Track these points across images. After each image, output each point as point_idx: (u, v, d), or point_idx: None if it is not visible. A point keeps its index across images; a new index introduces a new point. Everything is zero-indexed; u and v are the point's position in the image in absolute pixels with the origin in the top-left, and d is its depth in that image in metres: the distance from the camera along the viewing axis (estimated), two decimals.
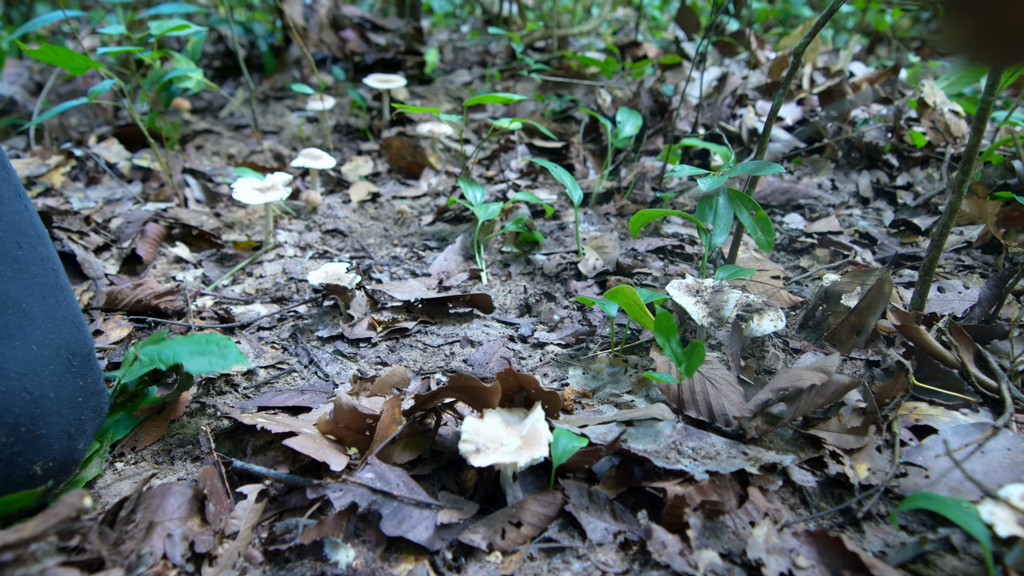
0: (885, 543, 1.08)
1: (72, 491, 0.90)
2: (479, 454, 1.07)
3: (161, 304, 1.75)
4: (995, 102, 1.31)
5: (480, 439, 1.11)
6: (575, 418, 1.32)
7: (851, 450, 1.23)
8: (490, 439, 1.11)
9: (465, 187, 2.13)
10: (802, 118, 2.92)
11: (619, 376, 1.48)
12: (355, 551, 1.05)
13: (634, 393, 1.42)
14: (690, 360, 1.30)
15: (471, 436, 1.11)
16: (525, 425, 1.14)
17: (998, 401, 1.33)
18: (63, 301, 1.20)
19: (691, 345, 1.29)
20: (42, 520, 0.86)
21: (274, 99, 3.95)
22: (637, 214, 1.70)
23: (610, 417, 1.31)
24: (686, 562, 0.98)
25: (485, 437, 1.11)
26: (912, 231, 2.13)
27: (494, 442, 1.11)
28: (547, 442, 1.09)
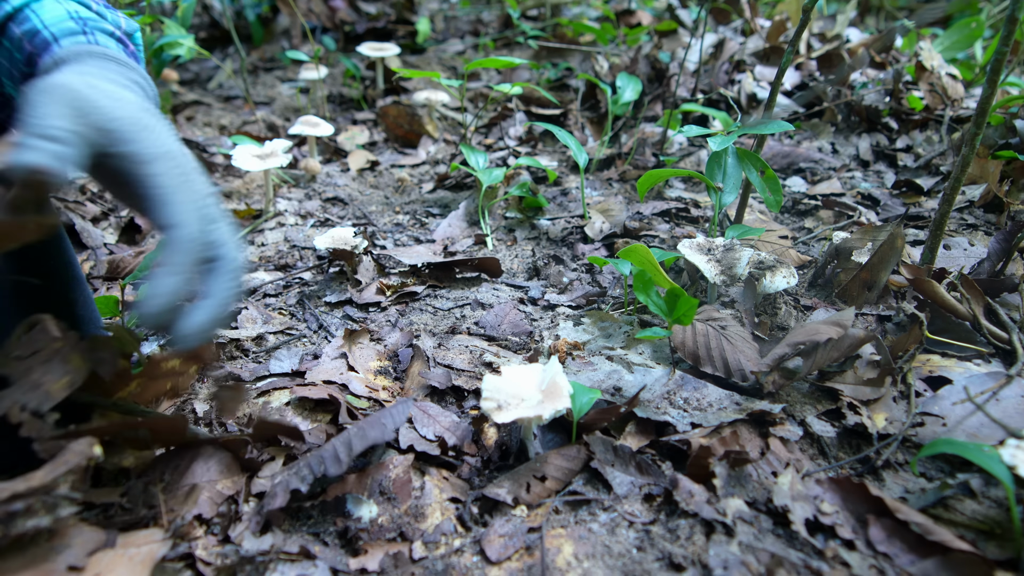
0: (905, 490, 1.09)
1: (81, 439, 0.88)
2: (501, 411, 1.07)
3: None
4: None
5: (501, 396, 1.10)
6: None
7: (868, 401, 1.24)
8: (511, 395, 1.11)
9: (467, 152, 2.11)
10: (801, 83, 2.91)
11: (616, 332, 1.48)
12: (379, 508, 1.05)
13: (632, 347, 1.43)
14: (675, 309, 1.30)
15: (492, 393, 1.11)
16: (544, 379, 1.13)
17: (1010, 352, 1.34)
18: (80, 297, 1.19)
19: (670, 293, 1.30)
20: (51, 469, 0.84)
21: (264, 70, 3.88)
22: (645, 174, 1.69)
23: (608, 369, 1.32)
24: (714, 510, 0.99)
25: (506, 393, 1.11)
26: (915, 191, 2.14)
27: (515, 398, 1.11)
28: (567, 393, 1.09)
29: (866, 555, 0.94)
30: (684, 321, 1.30)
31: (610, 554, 0.94)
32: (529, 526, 1.01)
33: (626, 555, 0.94)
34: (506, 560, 0.95)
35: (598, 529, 0.99)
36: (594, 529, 0.99)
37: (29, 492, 0.82)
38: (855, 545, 0.96)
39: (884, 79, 2.83)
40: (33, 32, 0.97)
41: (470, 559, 0.96)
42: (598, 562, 0.93)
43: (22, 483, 0.82)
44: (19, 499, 0.82)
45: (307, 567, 0.94)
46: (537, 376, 1.15)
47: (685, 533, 0.97)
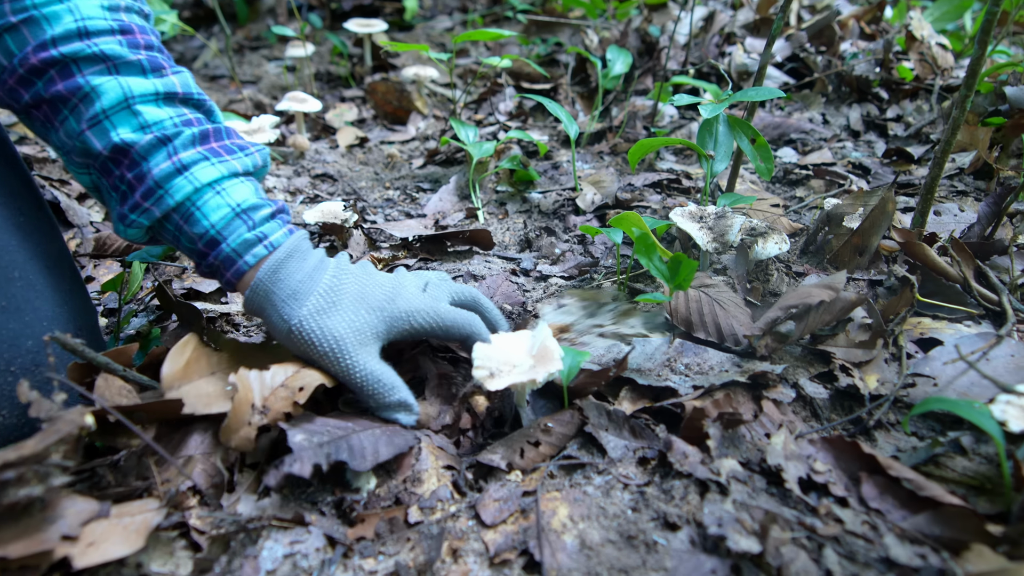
0: (897, 448, 1.10)
1: (73, 408, 0.87)
2: (494, 378, 1.07)
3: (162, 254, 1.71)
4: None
5: (492, 363, 1.10)
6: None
7: (860, 363, 1.24)
8: (502, 362, 1.11)
9: (457, 127, 2.10)
10: (791, 54, 2.89)
11: (600, 310, 1.48)
12: (377, 480, 1.05)
13: (620, 322, 1.43)
14: (677, 274, 1.30)
15: (483, 361, 1.10)
16: (534, 344, 1.13)
17: (999, 313, 1.35)
18: (67, 270, 1.16)
19: (674, 258, 1.29)
20: (42, 437, 0.83)
21: (249, 49, 3.84)
22: (637, 144, 1.68)
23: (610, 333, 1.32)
24: (708, 470, 0.99)
25: (497, 360, 1.11)
26: (905, 160, 2.14)
27: (507, 364, 1.10)
28: (559, 356, 1.09)
29: (859, 511, 0.95)
30: (684, 285, 1.30)
31: (605, 515, 0.95)
32: (524, 490, 1.01)
33: (621, 516, 0.94)
34: (501, 523, 0.95)
35: (593, 492, 0.99)
36: (589, 492, 0.99)
37: (20, 461, 0.81)
38: (848, 502, 0.97)
39: (874, 50, 2.82)
40: (208, 239, 1.03)
41: (466, 523, 0.96)
42: (593, 523, 0.94)
43: (13, 452, 0.81)
44: (10, 468, 0.81)
45: (300, 534, 0.94)
46: (527, 342, 1.14)
47: (679, 493, 0.97)
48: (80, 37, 0.99)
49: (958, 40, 3.27)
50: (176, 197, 1.00)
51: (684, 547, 0.88)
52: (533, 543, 0.90)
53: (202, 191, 1.01)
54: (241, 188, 1.05)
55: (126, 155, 0.99)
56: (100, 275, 1.69)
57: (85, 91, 0.98)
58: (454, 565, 0.90)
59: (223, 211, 1.02)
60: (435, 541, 0.93)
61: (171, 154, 1.00)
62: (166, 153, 1.00)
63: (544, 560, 0.87)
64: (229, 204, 1.03)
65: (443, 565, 0.90)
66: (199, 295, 1.58)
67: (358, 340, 1.04)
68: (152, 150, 0.99)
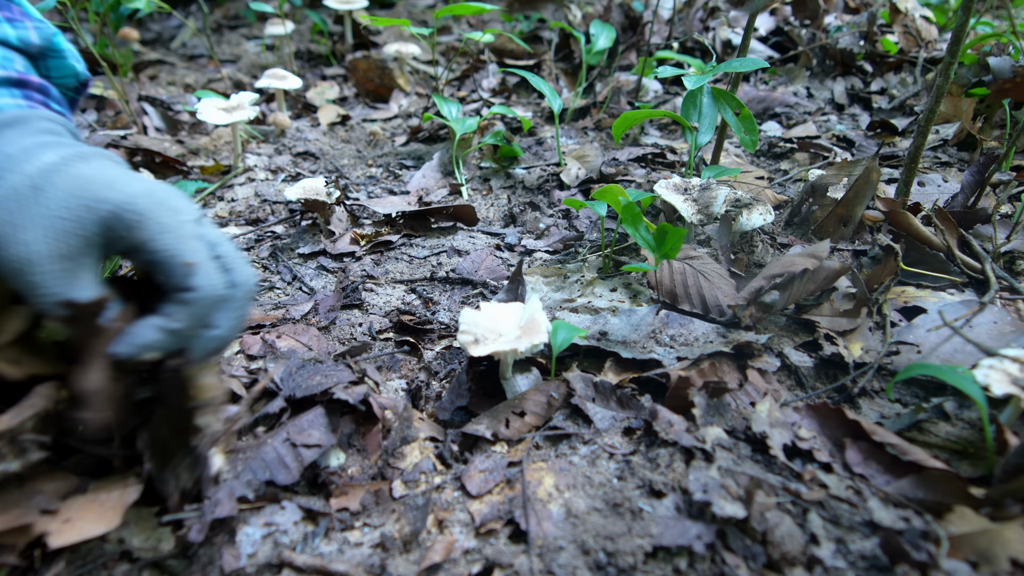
0: (881, 415, 1.10)
1: (48, 382, 0.85)
2: (478, 344, 1.06)
3: None
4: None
5: (478, 330, 1.09)
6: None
7: (844, 332, 1.25)
8: (488, 329, 1.10)
9: (440, 103, 2.07)
10: (775, 27, 2.88)
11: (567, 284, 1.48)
12: (346, 456, 1.03)
13: (592, 295, 1.42)
14: (664, 243, 1.29)
15: (469, 327, 1.09)
16: (523, 316, 1.12)
17: (982, 281, 1.35)
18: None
19: (660, 227, 1.28)
20: (17, 412, 0.81)
21: (228, 28, 3.77)
22: (621, 117, 1.66)
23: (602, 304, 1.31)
24: (693, 438, 0.99)
25: (483, 328, 1.10)
26: (889, 132, 2.14)
27: (492, 332, 1.09)
28: (546, 330, 1.08)
29: (843, 477, 0.95)
30: (672, 255, 1.29)
31: (591, 484, 0.94)
32: (509, 460, 1.00)
33: (607, 484, 0.94)
34: (487, 493, 0.95)
35: (579, 461, 0.99)
36: (575, 461, 0.99)
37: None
38: (832, 468, 0.97)
39: (859, 22, 2.81)
40: None
41: (451, 494, 0.96)
42: (579, 492, 0.93)
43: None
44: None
45: (274, 512, 0.93)
46: (517, 313, 1.14)
47: (665, 461, 0.97)
48: None
49: (942, 13, 3.26)
50: None
51: (670, 513, 0.88)
52: (519, 512, 0.89)
53: None
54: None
55: None
56: None
57: None
58: (440, 535, 0.89)
59: None
60: (420, 512, 0.92)
61: None
62: None
63: (530, 529, 0.86)
64: None
65: (429, 536, 0.90)
66: None
67: (63, 256, 0.78)
68: None
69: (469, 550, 0.87)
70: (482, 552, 0.86)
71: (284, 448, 0.98)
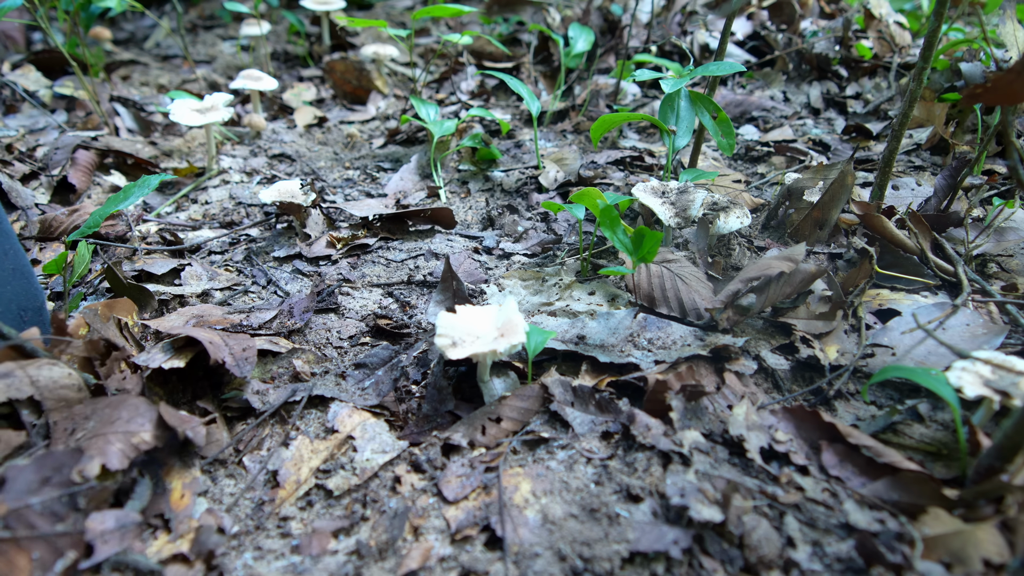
0: (856, 417, 1.11)
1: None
2: (456, 347, 1.04)
3: (101, 229, 1.65)
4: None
5: (456, 332, 1.08)
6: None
7: (820, 335, 1.25)
8: (466, 332, 1.08)
9: (418, 105, 2.05)
10: (752, 32, 2.90)
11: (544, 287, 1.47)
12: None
13: (569, 299, 1.42)
14: (641, 247, 1.29)
15: (446, 330, 1.08)
16: (500, 317, 1.11)
17: (955, 284, 1.37)
18: (10, 250, 1.11)
19: (637, 231, 1.28)
20: None
21: (203, 28, 3.72)
22: (599, 120, 1.66)
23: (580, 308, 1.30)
24: (671, 442, 0.99)
25: (460, 331, 1.09)
26: (864, 136, 2.16)
27: (470, 335, 1.08)
28: (523, 330, 1.07)
29: (819, 479, 0.95)
30: (648, 258, 1.28)
31: (568, 489, 0.94)
32: (486, 466, 0.99)
33: (584, 489, 0.93)
34: (463, 499, 0.94)
35: (556, 466, 0.98)
36: (552, 467, 0.98)
37: None
38: (808, 470, 0.97)
39: (834, 28, 2.84)
40: None
41: (427, 500, 0.94)
42: (556, 497, 0.92)
43: None
44: None
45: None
46: (493, 315, 1.13)
47: (643, 466, 0.96)
48: None
49: (915, 19, 3.31)
50: None
51: (647, 519, 0.88)
52: (495, 519, 0.88)
53: None
54: None
55: None
56: (46, 258, 1.62)
57: None
58: (415, 543, 0.88)
59: None
60: (398, 520, 0.91)
61: None
62: None
63: (506, 535, 0.85)
64: None
65: (405, 543, 0.88)
66: (151, 277, 1.52)
67: None
68: None
69: (445, 557, 0.86)
70: (458, 560, 0.85)
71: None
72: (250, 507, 0.96)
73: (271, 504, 0.95)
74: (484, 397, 1.13)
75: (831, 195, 1.48)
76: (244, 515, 0.95)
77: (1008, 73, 1.05)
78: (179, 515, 0.92)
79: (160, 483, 0.97)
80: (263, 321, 1.33)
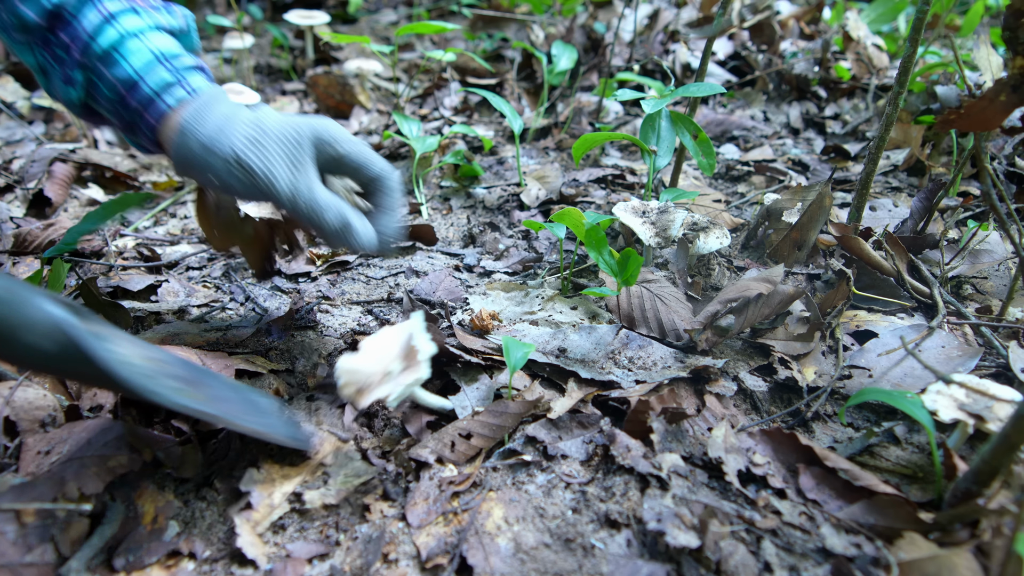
0: (834, 439, 1.11)
1: None
2: (362, 394, 0.97)
3: (77, 245, 1.63)
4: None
5: (360, 377, 0.99)
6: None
7: (798, 356, 1.26)
8: (372, 372, 1.00)
9: (400, 121, 2.05)
10: (733, 52, 2.93)
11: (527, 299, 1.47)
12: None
13: (579, 312, 1.42)
14: (626, 269, 1.29)
15: (349, 376, 0.98)
16: (405, 342, 1.02)
17: (931, 305, 1.38)
18: None
19: (623, 253, 1.28)
20: None
21: None
22: (580, 139, 1.67)
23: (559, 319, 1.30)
24: (650, 464, 0.98)
25: (366, 372, 0.99)
26: (842, 157, 2.19)
27: (376, 375, 0.99)
28: (426, 359, 0.99)
29: (796, 503, 0.95)
30: (631, 281, 1.29)
31: (542, 516, 0.93)
32: (454, 491, 0.97)
33: (560, 517, 0.93)
34: (430, 524, 0.92)
35: (534, 491, 0.97)
36: (530, 491, 0.97)
37: None
38: (786, 494, 0.97)
39: (813, 49, 2.88)
40: (129, 82, 1.03)
41: (396, 525, 0.93)
42: (529, 525, 0.91)
43: None
44: None
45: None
46: (401, 340, 1.04)
47: (620, 490, 0.96)
48: None
49: (893, 41, 3.37)
50: (103, 44, 1.02)
51: (622, 551, 0.87)
52: (466, 547, 0.87)
53: (126, 37, 1.04)
54: (164, 39, 1.08)
55: (59, 18, 1.02)
56: (20, 273, 1.59)
57: None
58: (387, 570, 0.86)
59: (145, 56, 1.04)
60: (373, 544, 0.90)
61: (98, 6, 1.03)
62: (93, 6, 1.03)
63: (476, 565, 0.84)
64: (151, 50, 1.05)
65: (376, 570, 0.87)
66: (127, 293, 1.50)
67: (294, 163, 1.03)
68: (81, 6, 1.03)
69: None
70: None
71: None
72: (223, 531, 0.94)
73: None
74: (456, 412, 1.11)
75: (809, 216, 1.50)
76: (217, 539, 0.93)
77: (981, 100, 1.07)
78: (151, 539, 0.90)
79: (132, 506, 0.95)
80: (240, 339, 1.31)
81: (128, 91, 1.04)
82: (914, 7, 3.88)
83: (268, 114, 1.05)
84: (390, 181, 1.12)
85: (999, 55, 1.50)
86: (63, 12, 1.02)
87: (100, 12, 1.03)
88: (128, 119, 1.07)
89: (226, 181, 1.01)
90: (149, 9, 1.09)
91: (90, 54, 1.02)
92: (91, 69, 1.04)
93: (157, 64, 1.04)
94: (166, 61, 1.05)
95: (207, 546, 0.91)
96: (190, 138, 1.01)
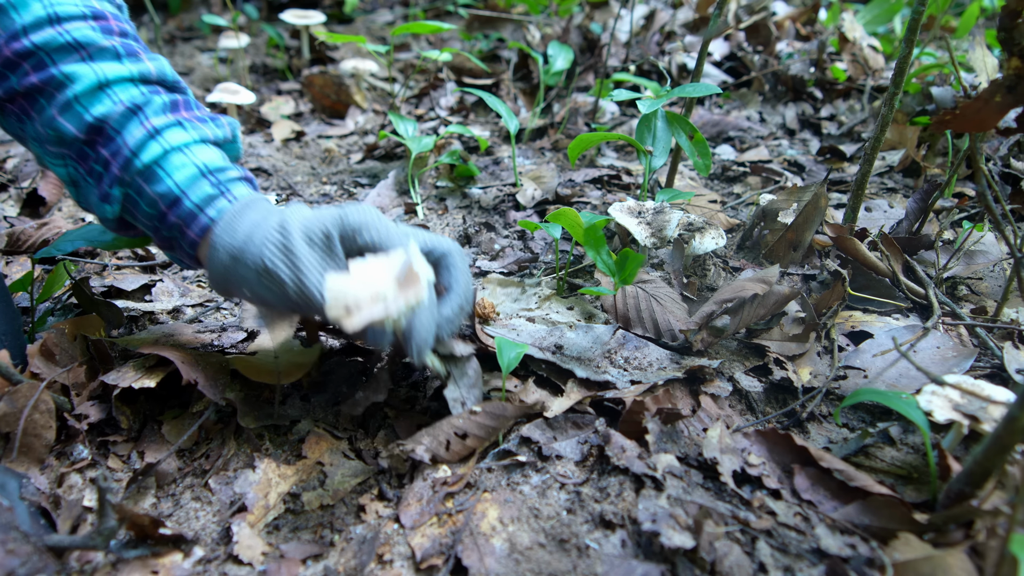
0: (829, 440, 1.11)
1: None
2: (351, 315, 0.88)
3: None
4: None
5: (348, 297, 0.89)
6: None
7: (793, 356, 1.26)
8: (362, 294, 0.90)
9: (396, 121, 2.05)
10: (729, 53, 2.94)
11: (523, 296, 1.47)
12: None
13: (575, 313, 1.41)
14: (623, 269, 1.29)
15: (337, 296, 0.89)
16: (401, 267, 0.93)
17: (926, 306, 1.38)
18: None
19: (622, 253, 1.28)
20: None
21: (181, 39, 3.70)
22: (576, 139, 1.66)
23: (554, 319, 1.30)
24: (645, 465, 0.98)
25: (355, 294, 0.90)
26: (838, 157, 2.19)
27: (367, 297, 0.89)
28: (426, 281, 0.91)
29: (791, 503, 0.95)
30: (628, 280, 1.28)
31: (538, 516, 0.93)
32: (448, 491, 0.97)
33: (555, 517, 0.92)
34: (424, 525, 0.92)
35: (529, 491, 0.97)
36: (524, 491, 0.97)
37: None
38: (781, 494, 0.97)
39: (809, 50, 2.88)
40: (170, 197, 0.98)
41: (391, 526, 0.93)
42: (524, 525, 0.91)
43: None
44: None
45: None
46: (396, 266, 0.94)
47: (615, 491, 0.96)
48: (51, 24, 0.96)
49: (888, 43, 3.38)
50: (145, 160, 0.97)
51: (616, 551, 0.87)
52: (460, 548, 0.87)
53: (170, 152, 0.98)
54: (209, 151, 1.03)
55: (101, 132, 0.97)
56: (13, 273, 1.59)
57: (59, 79, 0.96)
58: (381, 571, 0.86)
59: (189, 170, 0.99)
60: (368, 545, 0.89)
61: (143, 121, 0.98)
62: (138, 121, 0.98)
63: (471, 566, 0.84)
64: (196, 164, 1.00)
65: (371, 571, 0.87)
66: (121, 293, 1.50)
67: (320, 266, 0.94)
68: (125, 121, 0.97)
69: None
70: None
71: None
72: (217, 532, 0.94)
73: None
74: (450, 408, 1.10)
75: (805, 217, 1.50)
76: (211, 540, 0.93)
77: (976, 101, 1.07)
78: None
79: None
80: (235, 341, 1.31)
81: (169, 207, 0.98)
82: (910, 8, 3.89)
83: (295, 213, 0.97)
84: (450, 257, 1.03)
85: (994, 56, 1.51)
86: (106, 127, 0.97)
87: (144, 127, 0.98)
88: (167, 235, 1.01)
89: (260, 294, 0.95)
90: (195, 122, 1.04)
91: (131, 170, 0.97)
92: (130, 184, 0.98)
93: (201, 178, 0.99)
94: (210, 175, 1.00)
95: (201, 547, 0.91)
96: (220, 250, 0.95)
